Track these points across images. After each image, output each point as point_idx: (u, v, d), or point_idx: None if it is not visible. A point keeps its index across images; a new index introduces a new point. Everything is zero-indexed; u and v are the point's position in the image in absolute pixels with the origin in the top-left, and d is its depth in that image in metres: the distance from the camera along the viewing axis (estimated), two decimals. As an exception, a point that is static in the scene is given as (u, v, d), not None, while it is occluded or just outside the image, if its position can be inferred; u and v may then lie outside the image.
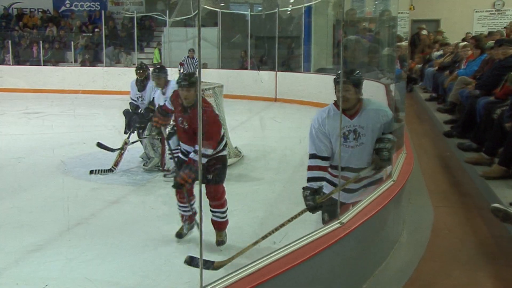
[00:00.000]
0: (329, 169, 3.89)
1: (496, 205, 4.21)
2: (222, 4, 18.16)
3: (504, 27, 13.98)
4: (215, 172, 4.70)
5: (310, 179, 3.80)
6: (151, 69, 7.55)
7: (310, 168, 3.81)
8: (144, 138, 7.47)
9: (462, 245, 4.37)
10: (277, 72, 15.17)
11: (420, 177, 6.35)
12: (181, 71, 14.82)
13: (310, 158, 3.83)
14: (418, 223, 4.97)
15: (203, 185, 4.63)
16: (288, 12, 17.39)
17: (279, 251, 3.04)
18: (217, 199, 4.78)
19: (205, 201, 4.63)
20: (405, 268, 3.98)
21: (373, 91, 9.12)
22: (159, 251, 4.75)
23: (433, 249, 4.33)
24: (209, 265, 3.62)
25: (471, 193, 5.79)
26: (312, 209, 3.75)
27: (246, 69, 16.40)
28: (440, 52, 14.71)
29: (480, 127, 6.72)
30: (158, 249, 4.81)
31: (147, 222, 5.49)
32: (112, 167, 7.36)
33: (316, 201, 3.71)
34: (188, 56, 15.24)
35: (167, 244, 4.90)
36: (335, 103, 3.79)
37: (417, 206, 5.40)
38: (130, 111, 7.67)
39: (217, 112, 4.93)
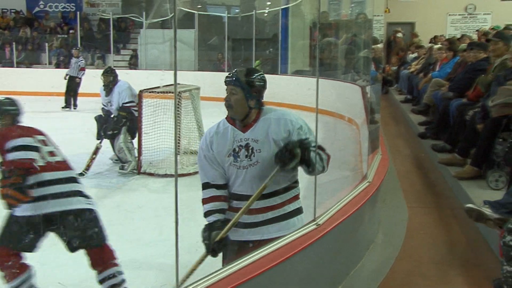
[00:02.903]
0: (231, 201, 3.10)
1: (470, 205, 4.29)
2: (199, 6, 18.13)
3: (476, 31, 14.21)
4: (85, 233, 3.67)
5: (206, 214, 3.03)
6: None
7: (204, 201, 3.06)
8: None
9: (436, 245, 4.45)
10: (254, 74, 15.18)
11: (395, 178, 6.43)
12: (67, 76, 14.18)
13: (203, 188, 3.08)
14: (393, 223, 5.03)
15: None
16: (265, 14, 17.44)
17: (255, 253, 3.05)
18: (106, 263, 3.74)
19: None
20: (380, 267, 4.03)
21: (349, 93, 9.24)
22: (134, 255, 4.73)
23: (407, 248, 4.40)
24: None
25: (445, 193, 5.89)
26: (210, 251, 2.92)
27: (223, 71, 16.39)
28: (415, 54, 14.90)
29: (453, 129, 6.83)
30: (134, 252, 4.78)
31: (123, 226, 5.46)
32: (83, 171, 7.25)
33: (212, 240, 2.91)
34: (73, 57, 14.67)
35: (143, 248, 4.88)
36: (227, 116, 3.11)
37: (392, 206, 5.47)
38: (103, 116, 7.60)
39: None
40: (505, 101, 5.10)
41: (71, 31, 19.34)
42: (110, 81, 7.53)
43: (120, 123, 7.34)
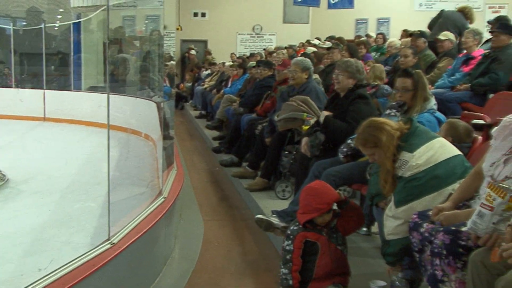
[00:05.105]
0: None
1: (259, 216, 4.54)
2: (-21, 17, 16.75)
3: (264, 49, 15.15)
4: None
5: None
6: None
7: None
8: None
9: (230, 255, 4.61)
10: (45, 91, 14.42)
11: (191, 193, 6.56)
12: None
13: None
14: (189, 237, 5.10)
15: None
16: (56, 28, 16.68)
17: (45, 278, 2.90)
18: None
19: None
20: (177, 282, 4.07)
21: (145, 109, 9.21)
22: None
23: (203, 261, 4.49)
24: None
25: (238, 205, 6.14)
26: None
27: (11, 87, 15.29)
28: (208, 71, 15.39)
29: (241, 142, 7.17)
30: None
31: None
32: None
33: None
34: None
35: None
36: None
37: (188, 220, 5.55)
38: None
39: None
40: (289, 116, 5.48)
41: None
42: None
43: None
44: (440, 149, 3.22)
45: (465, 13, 8.46)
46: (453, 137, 3.71)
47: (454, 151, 3.28)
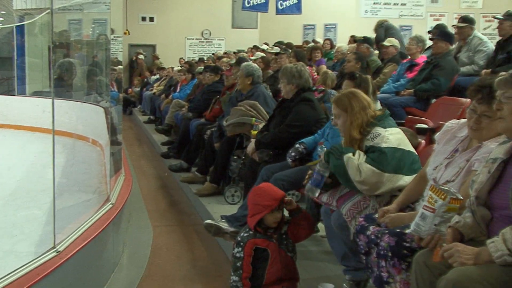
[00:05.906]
0: None
1: (208, 221, 4.54)
2: None
3: (213, 54, 15.14)
4: None
5: None
6: None
7: None
8: None
9: (180, 261, 4.59)
10: (-13, 95, 14.01)
11: (139, 198, 6.49)
12: None
13: None
14: (138, 243, 5.06)
15: None
16: (-2, 31, 16.23)
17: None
18: None
19: None
20: (126, 289, 4.03)
21: (92, 114, 9.06)
22: None
23: (152, 267, 4.46)
24: None
25: (188, 210, 6.12)
26: None
27: (-50, 91, 14.79)
28: (157, 76, 15.29)
29: (190, 147, 7.15)
30: None
31: None
32: None
33: None
34: None
35: None
36: None
37: (137, 227, 5.50)
38: None
39: None
40: (237, 121, 5.51)
41: None
42: None
43: None
44: (406, 140, 3.43)
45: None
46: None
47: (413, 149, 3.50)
